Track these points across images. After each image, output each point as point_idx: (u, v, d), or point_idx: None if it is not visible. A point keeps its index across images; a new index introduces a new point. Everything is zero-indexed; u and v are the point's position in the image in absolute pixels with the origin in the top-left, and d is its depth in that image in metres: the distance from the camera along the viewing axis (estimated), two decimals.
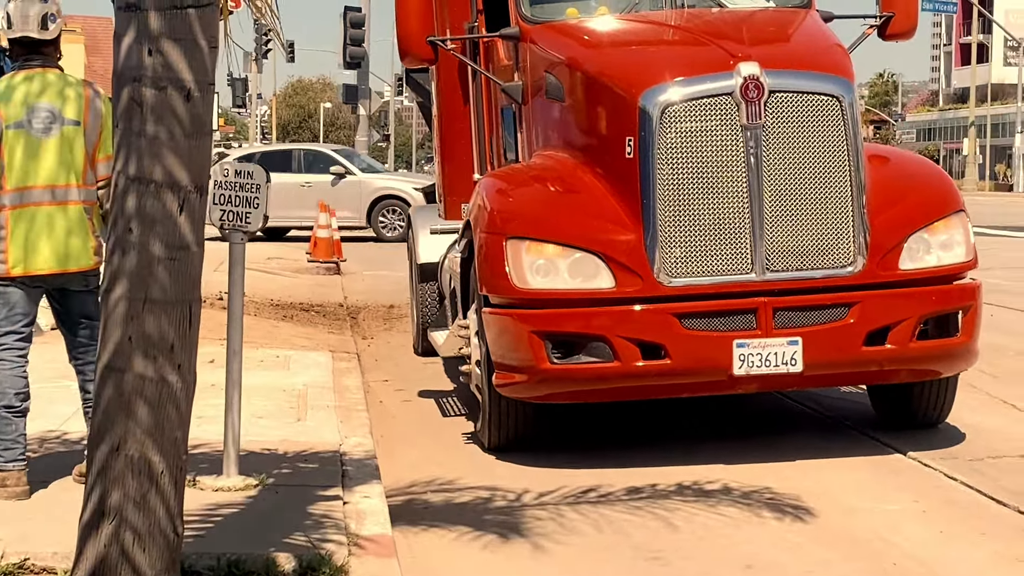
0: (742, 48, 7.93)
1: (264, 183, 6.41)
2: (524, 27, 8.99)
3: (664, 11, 8.91)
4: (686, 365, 7.67)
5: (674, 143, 7.70)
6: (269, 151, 31.58)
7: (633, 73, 8.06)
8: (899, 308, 7.81)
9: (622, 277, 7.70)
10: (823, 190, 7.77)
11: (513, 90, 9.13)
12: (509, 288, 7.84)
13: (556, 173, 8.38)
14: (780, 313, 7.70)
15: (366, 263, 22.39)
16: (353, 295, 17.54)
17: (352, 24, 34.08)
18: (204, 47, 4.51)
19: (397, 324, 14.75)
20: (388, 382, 11.05)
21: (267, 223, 6.56)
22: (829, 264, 7.78)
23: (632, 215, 7.77)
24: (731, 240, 7.69)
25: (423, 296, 12.17)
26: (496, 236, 7.96)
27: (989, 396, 9.72)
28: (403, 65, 9.73)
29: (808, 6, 9.12)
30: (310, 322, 14.39)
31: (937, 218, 8.04)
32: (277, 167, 26.71)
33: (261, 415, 8.36)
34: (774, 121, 7.70)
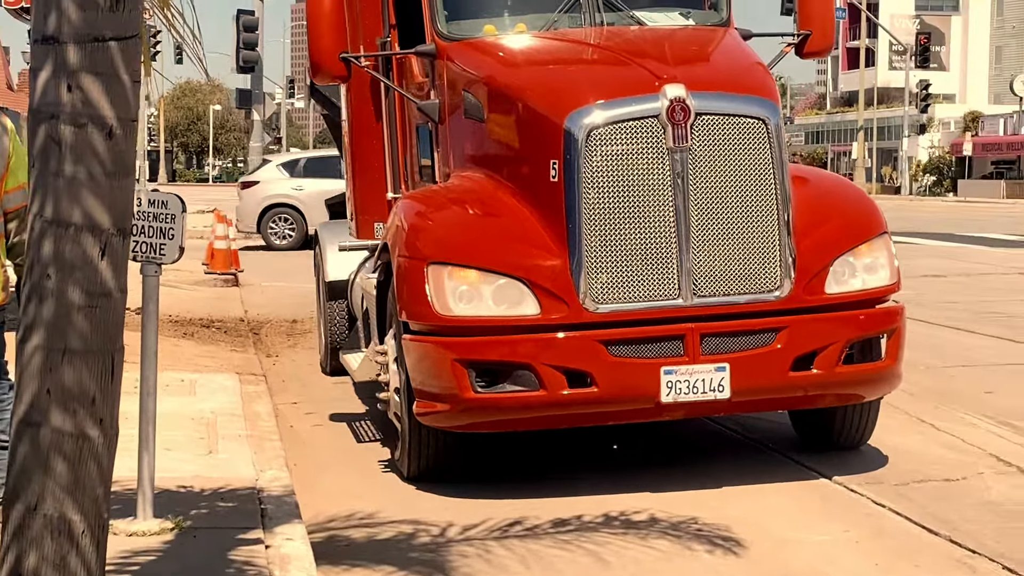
0: (667, 69, 7.77)
1: (180, 213, 6.12)
2: (441, 44, 8.77)
3: (583, 29, 8.73)
4: (613, 393, 7.50)
5: (600, 166, 7.53)
6: (316, 156, 30.30)
7: (557, 95, 7.87)
8: (826, 333, 7.72)
9: (547, 303, 7.52)
10: (750, 214, 7.65)
11: (429, 108, 8.90)
12: (431, 315, 7.62)
13: (477, 195, 8.17)
14: (708, 339, 7.57)
15: (264, 273, 22.00)
16: (254, 308, 17.18)
17: (245, 28, 33.57)
18: (126, 82, 4.23)
19: (302, 340, 14.44)
20: (297, 404, 10.77)
21: (183, 255, 6.27)
22: (756, 288, 7.66)
23: (557, 240, 7.59)
24: (658, 265, 7.54)
25: (331, 315, 11.89)
26: (417, 261, 7.73)
27: (907, 415, 9.68)
28: (315, 82, 9.44)
29: (727, 24, 9.02)
30: (212, 339, 14.04)
31: (862, 241, 7.97)
32: (325, 173, 25.97)
33: (170, 447, 8.05)
34: (700, 144, 7.56)
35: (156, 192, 6.20)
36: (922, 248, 26.21)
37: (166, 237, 6.15)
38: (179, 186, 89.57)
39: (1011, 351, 12.83)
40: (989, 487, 7.72)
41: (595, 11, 8.76)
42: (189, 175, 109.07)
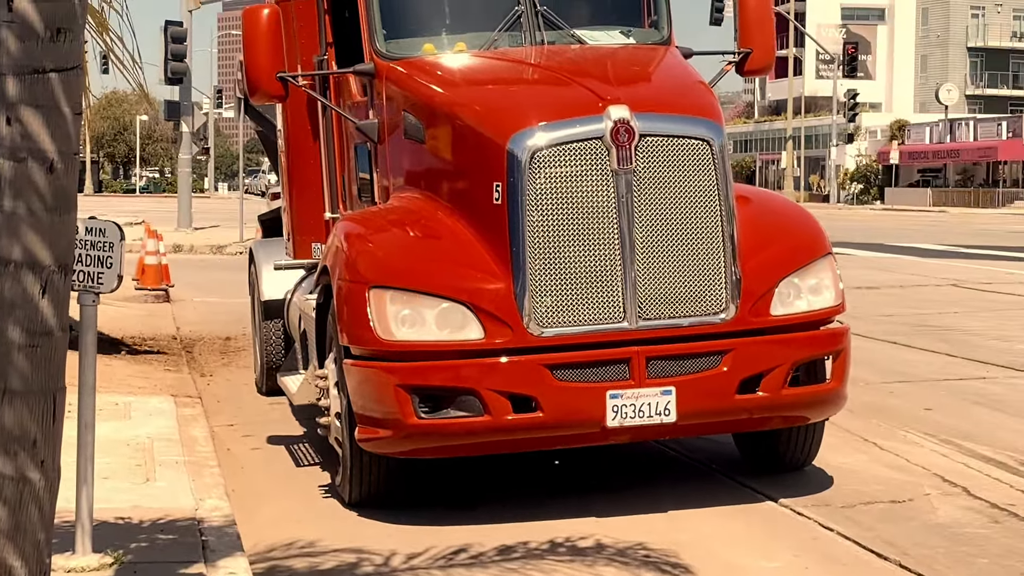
0: (610, 90, 7.71)
1: (118, 241, 5.97)
2: (379, 63, 8.65)
3: (524, 48, 8.64)
4: (559, 418, 7.42)
5: (544, 188, 7.45)
6: None
7: (500, 116, 7.78)
8: (771, 355, 7.68)
9: (491, 327, 7.42)
10: (695, 236, 7.59)
11: (368, 128, 8.78)
12: (373, 339, 7.50)
13: (418, 217, 8.06)
14: (653, 362, 7.50)
15: (196, 288, 21.75)
16: (186, 326, 16.96)
17: (173, 39, 33.22)
18: (68, 114, 4.10)
19: (236, 359, 14.26)
20: (234, 427, 10.60)
21: (121, 283, 6.12)
22: (702, 311, 7.61)
23: (501, 263, 7.50)
24: (603, 288, 7.47)
25: (267, 335, 11.74)
26: (358, 285, 7.61)
27: (849, 433, 9.68)
28: (251, 102, 9.28)
29: (668, 42, 8.97)
30: (145, 359, 13.81)
31: (806, 262, 7.94)
32: None
33: (107, 475, 7.86)
34: (645, 166, 7.50)
35: (94, 220, 6.05)
36: (854, 259, 26.39)
37: (104, 266, 5.99)
38: (106, 197, 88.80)
39: (948, 366, 12.90)
40: (936, 509, 7.70)
41: (535, 29, 8.67)
42: (116, 186, 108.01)
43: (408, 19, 8.97)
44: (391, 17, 8.80)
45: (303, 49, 9.71)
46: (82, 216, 6.43)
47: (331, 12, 9.44)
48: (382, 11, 8.76)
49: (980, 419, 10.25)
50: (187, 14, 35.71)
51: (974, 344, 14.30)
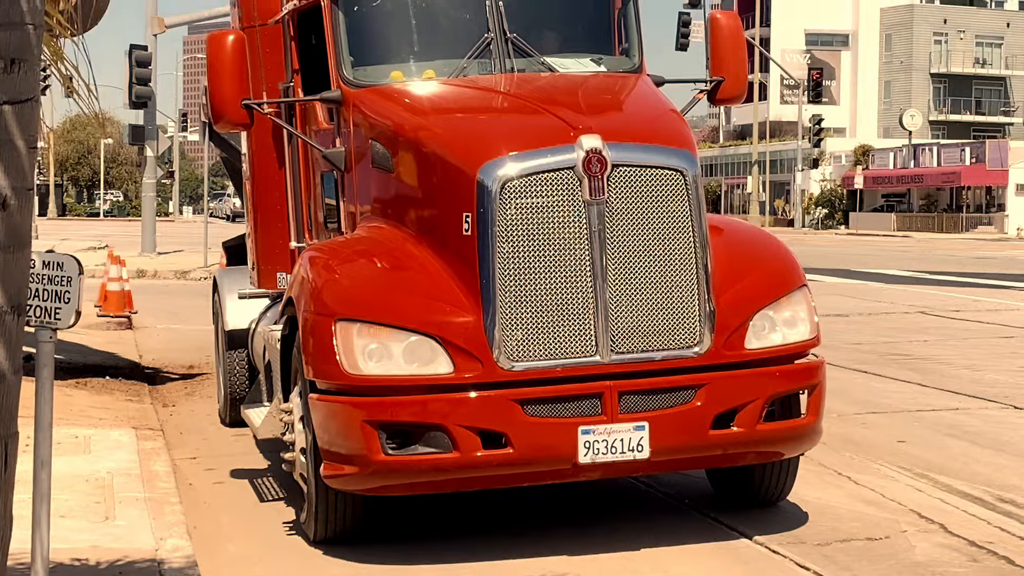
0: (582, 119, 7.56)
1: (76, 275, 5.77)
2: (346, 91, 8.49)
3: (494, 76, 8.49)
4: (529, 454, 7.25)
5: (514, 219, 7.29)
6: None
7: (470, 145, 7.61)
8: (746, 389, 7.53)
9: (461, 362, 7.25)
10: (668, 267, 7.44)
11: (335, 157, 8.61)
12: (339, 374, 7.32)
13: (386, 248, 7.89)
14: (626, 397, 7.34)
15: (159, 315, 21.52)
16: (149, 353, 16.74)
17: (138, 63, 32.98)
18: (22, 148, 3.92)
19: (199, 388, 14.05)
20: (197, 460, 10.39)
21: (79, 319, 5.92)
22: (675, 344, 7.45)
23: (470, 295, 7.33)
24: (575, 321, 7.31)
25: (231, 365, 11.55)
26: (324, 318, 7.43)
27: (823, 467, 9.54)
28: (216, 129, 9.10)
29: (639, 71, 8.84)
30: (106, 388, 13.57)
31: (781, 295, 7.80)
32: None
33: (65, 513, 7.67)
34: (617, 196, 7.35)
35: (51, 253, 5.85)
36: (822, 285, 26.33)
37: (62, 301, 5.79)
38: (69, 220, 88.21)
39: (920, 396, 12.80)
40: (913, 547, 7.56)
41: (505, 57, 8.53)
42: (80, 209, 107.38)
43: (376, 46, 8.80)
44: (359, 44, 8.65)
45: (269, 76, 9.56)
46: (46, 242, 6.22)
47: (297, 38, 9.28)
48: (349, 38, 8.61)
49: (955, 452, 10.14)
50: (152, 38, 35.47)
51: (945, 374, 14.22)
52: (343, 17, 8.62)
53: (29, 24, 3.86)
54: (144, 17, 36.09)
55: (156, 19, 34.98)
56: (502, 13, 8.58)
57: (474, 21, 8.66)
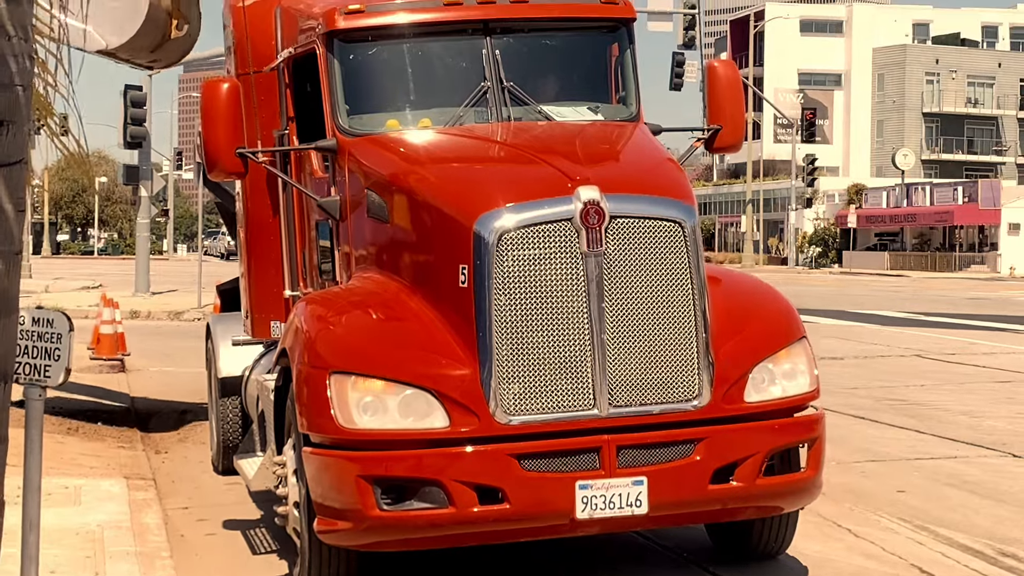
0: (579, 169, 7.48)
1: (67, 332, 5.69)
2: (342, 140, 8.42)
3: (490, 124, 8.42)
4: (526, 510, 7.14)
5: (511, 271, 7.20)
6: None
7: (466, 196, 7.54)
8: (746, 443, 7.43)
9: (457, 415, 7.15)
10: (667, 320, 7.35)
11: (330, 206, 8.55)
12: (333, 427, 7.22)
13: (381, 299, 7.80)
14: (624, 451, 7.24)
15: (152, 357, 21.39)
16: (142, 397, 16.60)
17: (133, 103, 32.95)
18: (10, 212, 3.83)
19: (192, 434, 13.92)
20: (189, 509, 10.27)
21: (69, 376, 5.84)
22: (674, 398, 7.36)
23: (467, 348, 7.24)
24: (572, 374, 7.21)
25: (224, 412, 11.44)
26: (319, 370, 7.33)
27: (822, 518, 9.44)
28: (210, 178, 9.03)
29: (636, 119, 8.78)
30: (98, 435, 13.44)
31: (780, 347, 7.71)
32: None
33: (54, 568, 7.56)
34: (615, 248, 7.27)
35: (41, 310, 5.76)
36: (816, 327, 26.24)
37: (51, 358, 5.71)
38: (64, 259, 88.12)
39: (918, 443, 12.70)
40: None
41: (502, 105, 8.47)
42: (74, 247, 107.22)
43: (371, 94, 8.74)
44: (354, 92, 8.59)
45: (264, 123, 9.50)
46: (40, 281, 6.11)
47: (293, 86, 9.22)
48: (345, 86, 8.55)
49: (954, 502, 10.04)
50: (147, 78, 35.43)
51: (943, 420, 14.13)
52: (338, 65, 8.56)
53: (18, 85, 3.78)
54: None
55: None
56: (498, 61, 8.53)
57: (470, 69, 8.61)
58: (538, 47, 8.93)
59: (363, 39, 8.61)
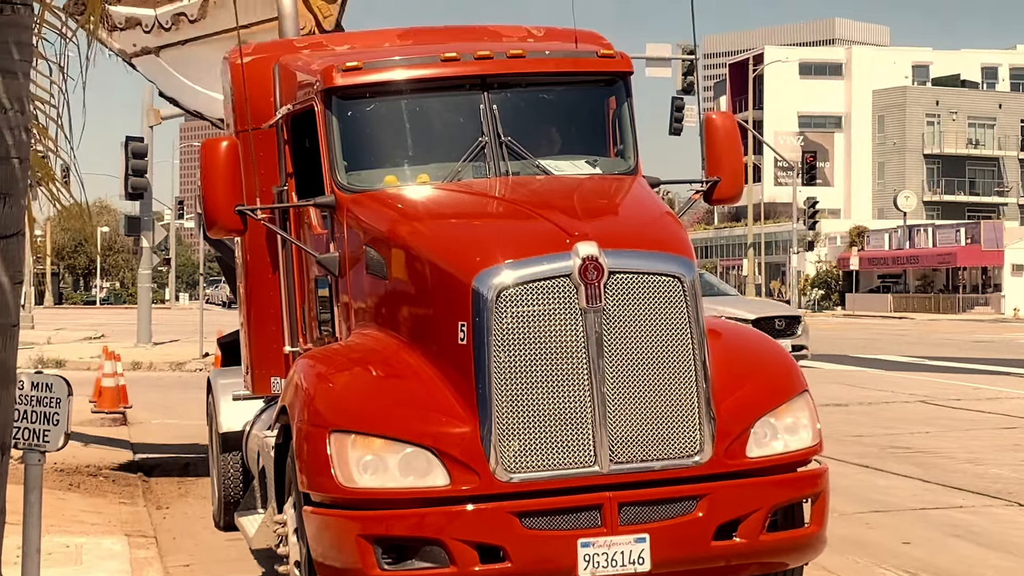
0: (577, 225, 7.48)
1: (66, 396, 5.67)
2: (340, 196, 8.43)
3: (488, 180, 8.43)
4: (528, 568, 7.09)
5: (510, 328, 7.19)
6: None
7: (464, 253, 7.53)
8: (749, 499, 7.39)
9: (457, 474, 7.12)
10: (667, 375, 7.33)
11: (329, 262, 8.55)
12: (333, 486, 7.19)
13: (380, 356, 7.78)
14: (626, 508, 7.20)
15: (154, 409, 21.36)
16: (144, 451, 16.57)
17: (134, 155, 33.05)
18: (6, 284, 3.83)
19: (193, 488, 13.87)
20: (190, 567, 10.22)
21: (68, 441, 5.82)
22: (675, 453, 7.32)
23: (466, 405, 7.22)
24: (573, 430, 7.18)
25: (225, 468, 11.40)
26: (319, 429, 7.31)
27: (827, 571, 9.39)
28: (209, 235, 9.04)
29: (635, 172, 8.78)
30: (99, 490, 13.41)
31: (782, 401, 7.68)
32: None
33: None
34: (614, 304, 7.25)
35: (40, 374, 5.75)
36: (820, 372, 26.21)
37: (51, 423, 5.70)
38: (66, 309, 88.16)
39: (923, 492, 12.64)
40: None
41: (500, 160, 8.48)
42: (76, 297, 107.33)
43: (370, 150, 8.76)
44: (352, 149, 8.60)
45: (264, 179, 9.49)
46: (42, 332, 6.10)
47: (291, 142, 9.24)
48: (343, 142, 8.57)
49: (960, 554, 9.97)
50: (148, 129, 35.56)
51: (948, 468, 14.07)
52: (336, 122, 8.58)
53: (15, 158, 3.78)
54: (140, 108, 36.21)
55: (152, 111, 35.07)
56: (496, 116, 8.55)
57: (468, 124, 8.62)
58: (536, 101, 8.95)
59: (361, 96, 8.63)
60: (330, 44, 9.99)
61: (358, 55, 9.01)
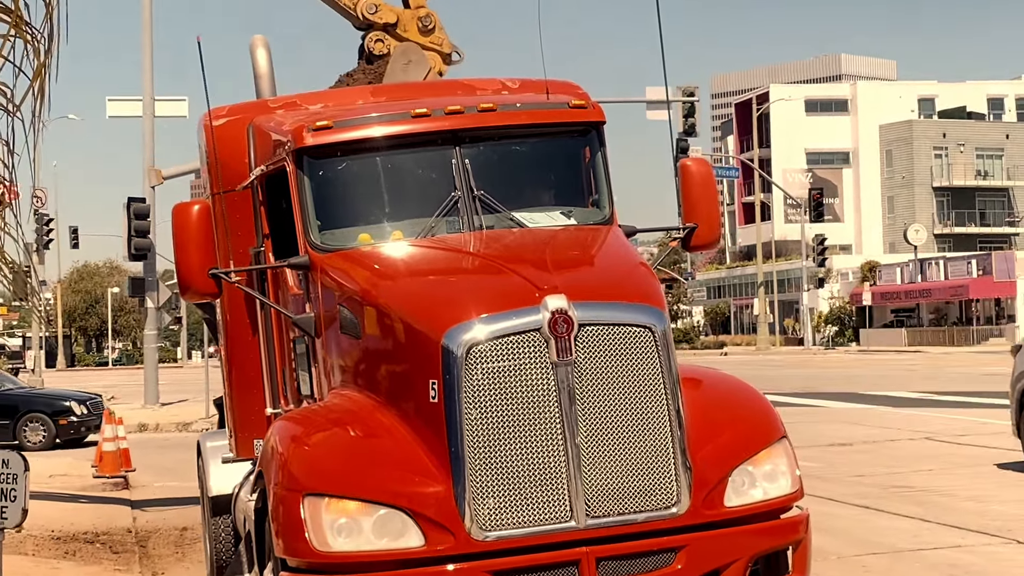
0: (547, 278, 7.42)
1: (22, 472, 5.62)
2: (314, 255, 8.39)
3: (461, 235, 8.39)
4: None
5: (481, 385, 7.13)
6: None
7: (433, 310, 7.48)
8: (728, 549, 7.31)
9: (432, 534, 7.05)
10: (641, 427, 7.26)
11: (305, 323, 8.50)
12: (308, 551, 7.12)
13: (355, 417, 7.72)
14: (604, 563, 7.12)
15: (157, 472, 21.29)
16: (143, 516, 16.50)
17: (136, 216, 33.14)
18: None
19: (190, 551, 13.79)
20: None
21: (26, 517, 5.76)
22: (652, 506, 7.24)
23: (440, 464, 7.15)
24: (548, 486, 7.11)
25: (217, 531, 11.30)
26: (292, 493, 7.24)
27: None
28: (184, 299, 9.00)
29: (610, 222, 8.73)
30: (95, 557, 13.32)
31: (760, 448, 7.60)
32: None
33: None
34: (585, 356, 7.19)
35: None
36: (826, 411, 26.07)
37: (8, 499, 5.65)
38: (78, 371, 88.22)
39: (922, 532, 12.51)
40: None
41: (473, 214, 8.44)
42: (88, 359, 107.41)
43: (343, 209, 8.71)
44: (325, 208, 8.57)
45: (240, 242, 9.46)
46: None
47: (267, 203, 9.21)
48: (316, 202, 8.54)
49: None
50: (150, 190, 35.67)
51: (948, 506, 13.93)
52: (308, 181, 8.55)
53: None
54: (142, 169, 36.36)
55: (154, 171, 35.21)
56: (468, 171, 8.51)
57: (441, 180, 8.59)
58: (508, 154, 8.90)
59: (332, 154, 8.61)
60: (304, 103, 9.98)
61: (329, 114, 9.00)
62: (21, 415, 28.99)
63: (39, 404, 29.43)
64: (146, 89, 37.61)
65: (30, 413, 29.04)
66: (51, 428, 28.65)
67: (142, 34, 37.66)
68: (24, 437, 28.42)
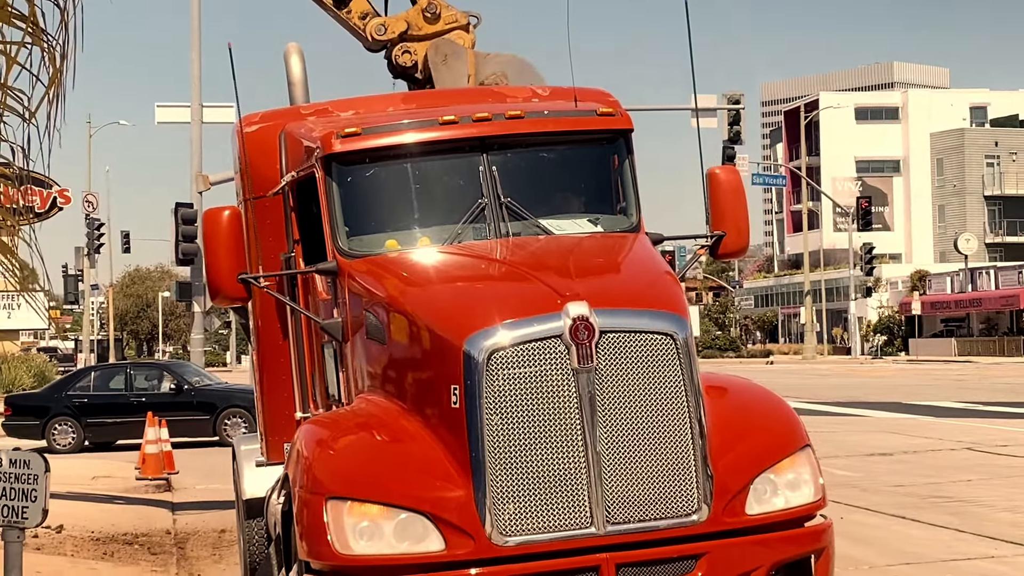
0: (569, 285, 7.46)
1: (43, 473, 5.71)
2: (342, 261, 8.47)
3: (488, 242, 8.43)
4: None
5: (502, 391, 7.17)
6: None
7: (456, 315, 7.53)
8: (749, 557, 7.31)
9: (452, 538, 7.09)
10: (662, 434, 7.27)
11: (332, 328, 8.57)
12: (330, 554, 7.18)
13: (380, 421, 7.78)
14: (624, 569, 7.14)
15: (200, 474, 21.44)
16: (183, 517, 16.65)
17: (184, 221, 33.27)
18: None
19: (228, 553, 13.91)
20: None
21: (47, 517, 5.85)
22: (673, 513, 7.25)
23: (461, 469, 7.19)
24: (568, 492, 7.14)
25: (251, 534, 11.39)
26: (316, 497, 7.31)
27: None
28: (215, 304, 9.10)
29: (637, 229, 8.75)
30: (133, 559, 13.46)
31: (782, 456, 7.60)
32: None
33: None
34: (606, 363, 7.22)
35: (17, 451, 5.80)
36: (869, 421, 25.94)
37: (29, 499, 5.74)
38: None
39: (956, 543, 12.44)
40: None
41: (500, 221, 8.48)
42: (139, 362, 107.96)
43: (370, 215, 8.77)
44: (353, 214, 8.64)
45: (272, 247, 9.55)
46: None
47: (297, 208, 9.29)
48: (344, 208, 8.61)
49: None
50: (197, 195, 35.88)
51: (984, 516, 13.85)
52: (336, 188, 8.63)
53: None
54: (189, 174, 36.60)
55: (201, 176, 35.42)
56: (496, 178, 8.56)
57: (468, 186, 8.64)
58: (536, 161, 8.94)
59: (360, 161, 8.68)
60: (335, 110, 10.04)
61: (358, 120, 9.07)
62: (221, 410, 29.65)
63: (238, 399, 29.83)
64: (194, 95, 37.85)
65: (229, 408, 29.63)
66: (251, 422, 28.86)
67: (191, 38, 37.94)
68: (224, 432, 28.91)
